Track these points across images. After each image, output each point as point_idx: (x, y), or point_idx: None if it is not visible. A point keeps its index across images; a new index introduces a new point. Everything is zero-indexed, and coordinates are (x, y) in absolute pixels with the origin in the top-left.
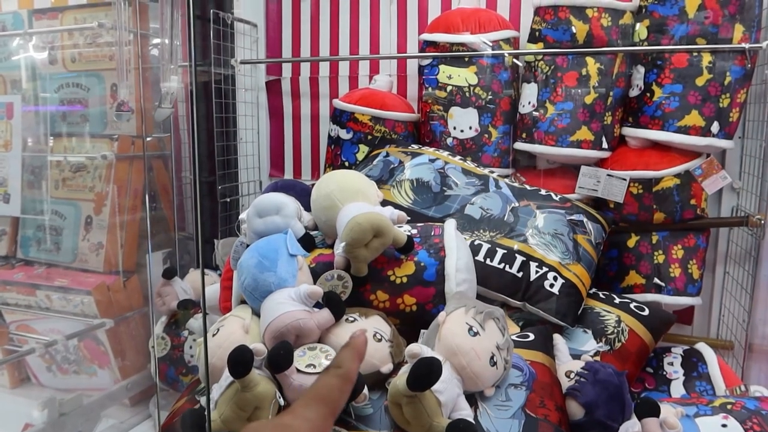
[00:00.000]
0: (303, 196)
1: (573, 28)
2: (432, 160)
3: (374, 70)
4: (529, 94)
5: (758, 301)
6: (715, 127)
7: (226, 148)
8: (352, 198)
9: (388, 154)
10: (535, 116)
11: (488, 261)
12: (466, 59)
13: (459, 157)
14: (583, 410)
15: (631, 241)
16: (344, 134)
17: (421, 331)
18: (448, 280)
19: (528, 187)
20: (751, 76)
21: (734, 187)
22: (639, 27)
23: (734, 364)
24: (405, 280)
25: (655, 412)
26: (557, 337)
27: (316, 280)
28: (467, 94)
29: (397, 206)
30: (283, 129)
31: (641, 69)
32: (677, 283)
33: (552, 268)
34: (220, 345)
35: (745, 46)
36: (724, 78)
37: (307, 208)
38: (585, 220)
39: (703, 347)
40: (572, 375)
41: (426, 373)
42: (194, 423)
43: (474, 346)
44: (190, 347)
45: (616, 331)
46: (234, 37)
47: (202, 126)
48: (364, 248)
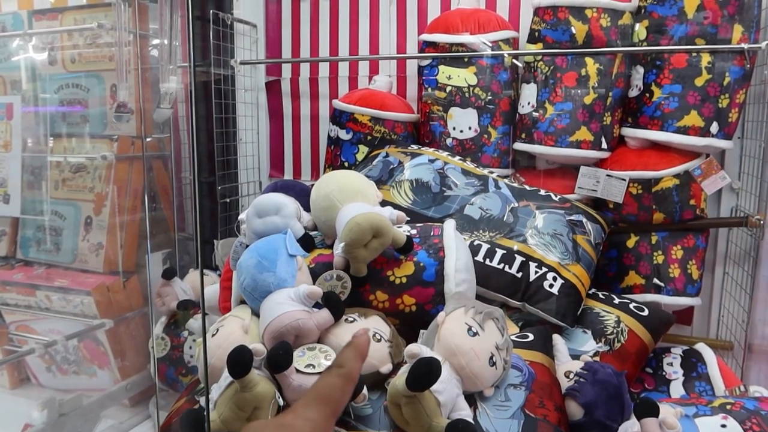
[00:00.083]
0: (302, 196)
1: (572, 29)
2: (431, 161)
3: (374, 70)
4: (529, 94)
5: (757, 302)
6: (714, 127)
7: (226, 148)
8: (352, 198)
9: (387, 155)
10: (535, 117)
11: (488, 261)
12: (466, 60)
13: (458, 157)
14: (583, 410)
15: (631, 242)
16: (344, 135)
17: (421, 331)
18: (448, 281)
19: (527, 188)
20: (750, 76)
21: (733, 188)
22: (638, 27)
23: (734, 364)
24: (404, 280)
25: (655, 413)
26: (556, 338)
27: (316, 280)
28: (467, 95)
29: (396, 206)
30: (282, 129)
31: (640, 69)
32: (677, 284)
33: (551, 269)
34: (219, 345)
35: (744, 46)
36: (723, 78)
37: (307, 209)
38: (584, 220)
39: (702, 348)
40: (571, 375)
41: (425, 374)
42: (193, 423)
43: (473, 346)
44: (190, 347)
45: (615, 331)
46: (234, 38)
47: (201, 126)
48: (364, 248)
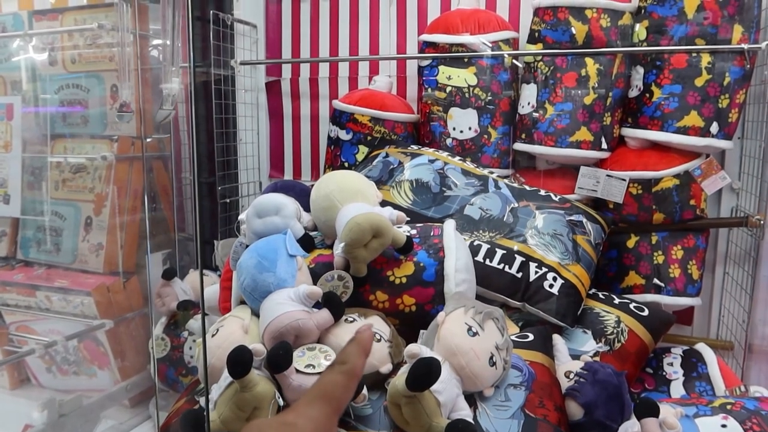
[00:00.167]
0: (302, 196)
1: (572, 29)
2: (431, 161)
3: (374, 71)
4: (529, 94)
5: (758, 302)
6: (714, 127)
7: (226, 149)
8: (352, 198)
9: (387, 155)
10: (535, 117)
11: (488, 261)
12: (466, 60)
13: (458, 157)
14: (583, 410)
15: (631, 242)
16: (344, 135)
17: (421, 331)
18: (448, 281)
19: (527, 188)
20: (750, 76)
21: (733, 188)
22: (638, 27)
23: (734, 364)
24: (404, 280)
25: (655, 413)
26: (556, 338)
27: (316, 280)
28: (467, 95)
29: (396, 207)
30: (282, 130)
31: (640, 70)
32: (677, 284)
33: (551, 269)
34: (219, 345)
35: (744, 46)
36: (723, 78)
37: (307, 209)
38: (584, 220)
39: (702, 348)
40: (571, 375)
41: (425, 374)
42: (193, 423)
43: (473, 346)
44: (190, 348)
45: (615, 331)
46: (234, 38)
47: (201, 127)
48: (364, 249)
